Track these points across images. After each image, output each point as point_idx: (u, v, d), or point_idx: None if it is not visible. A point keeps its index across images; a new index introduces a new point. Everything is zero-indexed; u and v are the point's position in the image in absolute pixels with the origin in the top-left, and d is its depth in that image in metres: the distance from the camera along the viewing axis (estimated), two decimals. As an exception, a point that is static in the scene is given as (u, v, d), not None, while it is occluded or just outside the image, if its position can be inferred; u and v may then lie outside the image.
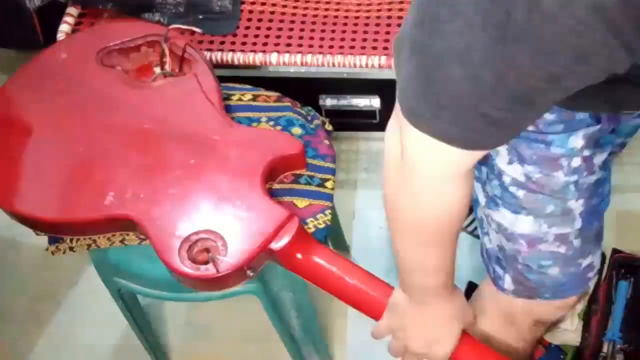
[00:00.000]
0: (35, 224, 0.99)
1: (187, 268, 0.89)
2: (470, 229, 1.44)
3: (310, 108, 1.16)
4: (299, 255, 0.93)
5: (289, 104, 1.13)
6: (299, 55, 1.32)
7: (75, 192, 0.97)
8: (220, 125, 1.00)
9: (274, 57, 1.32)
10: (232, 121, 1.02)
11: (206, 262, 0.90)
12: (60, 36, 1.38)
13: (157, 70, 1.07)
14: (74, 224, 0.97)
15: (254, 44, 1.36)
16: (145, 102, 1.03)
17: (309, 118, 1.14)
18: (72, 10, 1.41)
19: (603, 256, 1.42)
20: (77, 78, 1.06)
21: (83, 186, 0.97)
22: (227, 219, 0.92)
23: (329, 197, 1.05)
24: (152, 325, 1.50)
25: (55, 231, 1.02)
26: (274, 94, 1.15)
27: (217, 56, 1.33)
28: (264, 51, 1.33)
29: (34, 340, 1.51)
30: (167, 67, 1.06)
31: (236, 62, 1.33)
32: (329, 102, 1.58)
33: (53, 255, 1.06)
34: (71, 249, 1.05)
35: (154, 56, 1.08)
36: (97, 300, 1.21)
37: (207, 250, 0.90)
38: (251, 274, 0.91)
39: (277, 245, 0.91)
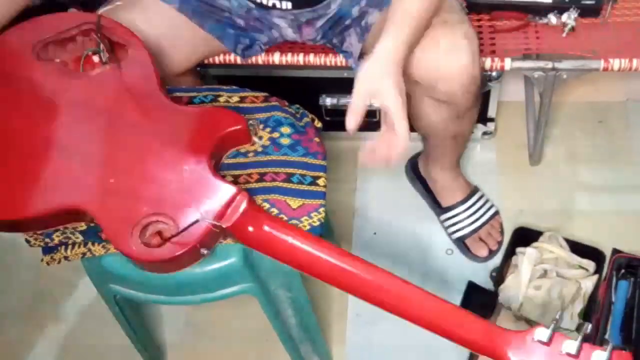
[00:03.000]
0: None
1: (142, 252, 0.90)
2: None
3: (298, 106, 1.16)
4: (250, 229, 0.93)
5: (276, 103, 1.14)
6: (301, 55, 1.32)
7: (22, 187, 0.96)
8: (162, 108, 1.01)
9: (276, 57, 1.32)
10: (173, 103, 1.02)
11: (160, 245, 0.90)
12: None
13: (95, 59, 1.07)
14: (23, 221, 0.97)
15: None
16: (86, 92, 1.03)
17: (298, 116, 1.14)
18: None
19: (603, 256, 1.42)
20: (15, 73, 1.05)
21: (29, 181, 0.97)
22: (176, 200, 0.92)
23: (322, 195, 1.05)
24: (151, 325, 1.50)
25: (7, 229, 1.00)
26: (261, 94, 1.15)
27: (220, 56, 1.33)
28: (266, 51, 1.33)
29: (34, 340, 1.51)
30: (104, 55, 1.06)
31: (239, 61, 1.33)
32: (329, 102, 1.57)
33: (48, 266, 1.06)
34: (66, 258, 1.05)
35: (91, 45, 1.07)
36: (97, 300, 1.21)
37: (160, 232, 0.91)
38: (205, 252, 0.92)
39: (227, 222, 0.91)
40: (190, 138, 0.98)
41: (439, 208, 1.55)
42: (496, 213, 1.54)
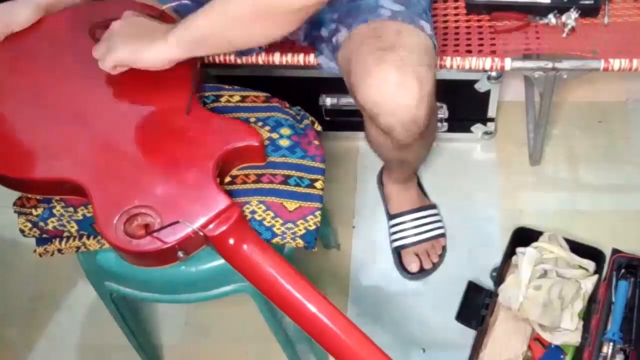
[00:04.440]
0: None
1: (119, 239, 0.90)
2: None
3: (299, 108, 1.16)
4: (231, 241, 0.93)
5: (277, 104, 1.14)
6: (301, 55, 1.32)
7: (33, 149, 1.00)
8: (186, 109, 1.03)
9: (276, 57, 1.32)
10: (201, 107, 1.04)
11: (139, 238, 0.91)
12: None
13: None
14: (25, 181, 1.00)
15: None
16: (122, 76, 1.06)
17: (298, 118, 1.14)
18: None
19: (603, 256, 1.42)
20: (64, 46, 1.09)
21: (41, 145, 1.00)
22: (169, 199, 0.93)
23: (319, 198, 1.05)
24: (150, 325, 1.50)
25: (9, 185, 1.03)
26: (262, 94, 1.15)
27: (221, 56, 1.32)
28: (266, 51, 1.33)
29: (34, 340, 1.51)
30: None
31: (239, 61, 1.33)
32: (329, 102, 1.58)
33: (41, 257, 1.06)
34: (59, 251, 1.05)
35: None
36: (97, 300, 1.21)
37: (147, 226, 0.92)
38: (182, 255, 0.92)
39: (211, 232, 0.92)
40: (202, 143, 0.99)
41: (387, 214, 1.57)
42: (442, 235, 1.54)
